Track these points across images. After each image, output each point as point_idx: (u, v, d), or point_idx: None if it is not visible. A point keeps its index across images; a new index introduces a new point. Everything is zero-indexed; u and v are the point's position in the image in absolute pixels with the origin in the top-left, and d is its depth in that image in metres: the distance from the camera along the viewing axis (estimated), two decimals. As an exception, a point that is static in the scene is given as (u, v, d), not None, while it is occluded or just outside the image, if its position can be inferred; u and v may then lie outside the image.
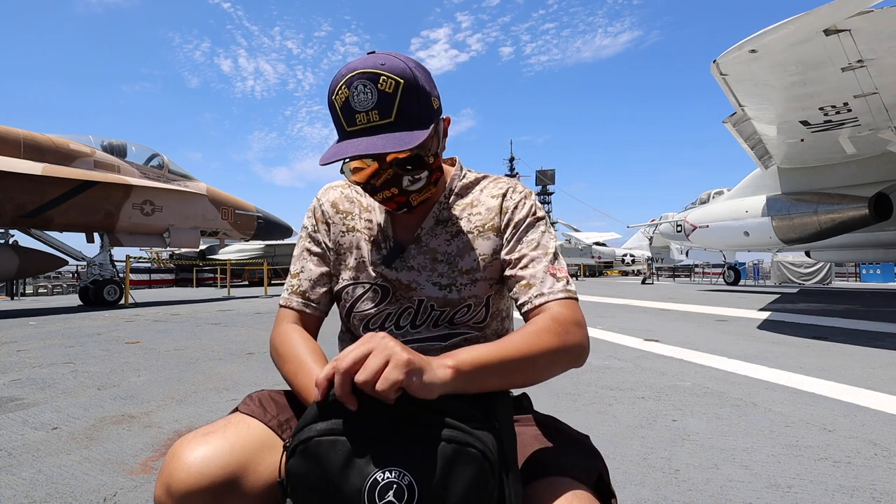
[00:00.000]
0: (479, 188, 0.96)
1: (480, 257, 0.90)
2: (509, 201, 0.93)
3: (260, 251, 23.51)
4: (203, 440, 0.69)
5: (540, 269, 0.85)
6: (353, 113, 0.76)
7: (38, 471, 1.90)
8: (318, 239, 0.97)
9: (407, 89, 0.76)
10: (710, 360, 4.07)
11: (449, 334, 0.91)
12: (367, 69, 0.75)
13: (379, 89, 0.75)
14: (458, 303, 0.89)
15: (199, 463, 0.66)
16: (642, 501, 1.64)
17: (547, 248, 0.88)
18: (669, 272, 32.08)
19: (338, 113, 0.77)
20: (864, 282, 22.39)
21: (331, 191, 1.00)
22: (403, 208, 0.87)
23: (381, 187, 0.84)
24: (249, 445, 0.71)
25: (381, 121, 0.76)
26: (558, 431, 0.81)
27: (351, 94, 0.75)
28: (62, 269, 15.22)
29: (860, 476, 1.81)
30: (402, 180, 0.83)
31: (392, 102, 0.75)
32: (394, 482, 0.56)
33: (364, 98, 0.75)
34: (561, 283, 0.84)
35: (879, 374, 3.46)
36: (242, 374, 3.64)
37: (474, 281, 0.90)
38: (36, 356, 4.39)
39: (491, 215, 0.92)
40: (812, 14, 5.48)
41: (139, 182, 10.74)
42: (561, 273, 0.86)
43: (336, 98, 0.77)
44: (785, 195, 12.66)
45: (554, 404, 2.77)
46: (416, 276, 0.90)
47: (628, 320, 7.17)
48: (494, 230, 0.91)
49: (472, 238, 0.91)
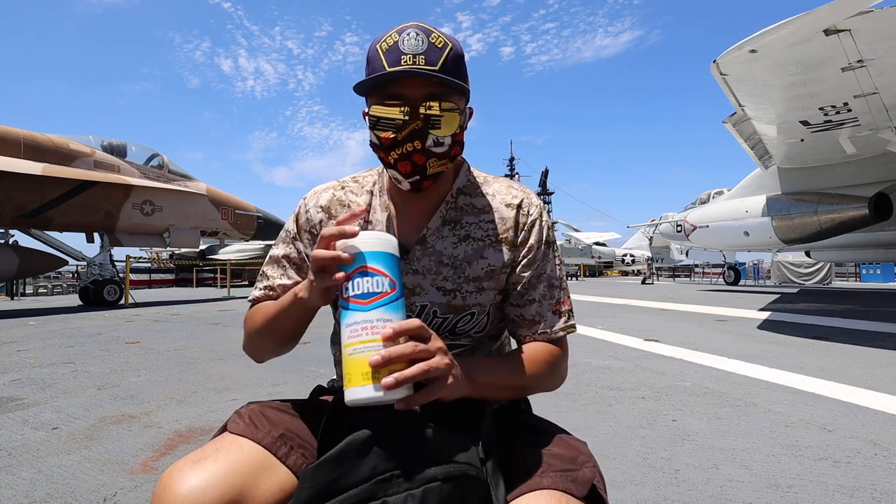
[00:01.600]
0: (490, 192, 0.91)
1: (490, 268, 0.87)
2: (526, 217, 0.89)
3: (260, 251, 23.50)
4: (195, 468, 0.65)
5: (546, 306, 0.88)
6: (399, 54, 0.74)
7: (38, 471, 1.90)
8: (298, 247, 0.91)
9: (454, 54, 0.77)
10: (710, 360, 4.07)
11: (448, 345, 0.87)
12: (422, 24, 0.77)
13: (430, 41, 0.75)
14: (463, 310, 0.86)
15: (194, 494, 0.62)
16: (642, 501, 1.64)
17: (552, 281, 0.89)
18: (669, 272, 32.07)
19: (381, 55, 0.75)
20: (864, 282, 22.37)
21: (321, 194, 0.93)
22: (416, 175, 0.80)
23: (405, 139, 0.78)
24: (245, 469, 0.67)
25: (427, 66, 0.74)
26: (554, 437, 0.79)
27: (401, 39, 0.75)
28: (62, 269, 15.22)
29: (860, 476, 1.81)
30: (427, 137, 0.78)
31: (440, 56, 0.75)
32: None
33: (415, 43, 0.74)
34: (562, 321, 0.88)
35: (879, 374, 3.46)
36: (242, 374, 3.64)
37: (481, 290, 0.87)
38: (36, 356, 4.39)
39: (505, 226, 0.88)
40: (812, 14, 5.47)
41: (139, 182, 10.74)
42: (564, 307, 0.89)
43: (382, 44, 0.76)
44: (785, 195, 12.65)
45: (554, 404, 2.77)
46: (420, 279, 0.86)
47: (628, 320, 7.17)
48: (508, 244, 0.88)
49: (484, 246, 0.87)
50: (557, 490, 0.66)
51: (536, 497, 0.65)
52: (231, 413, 0.79)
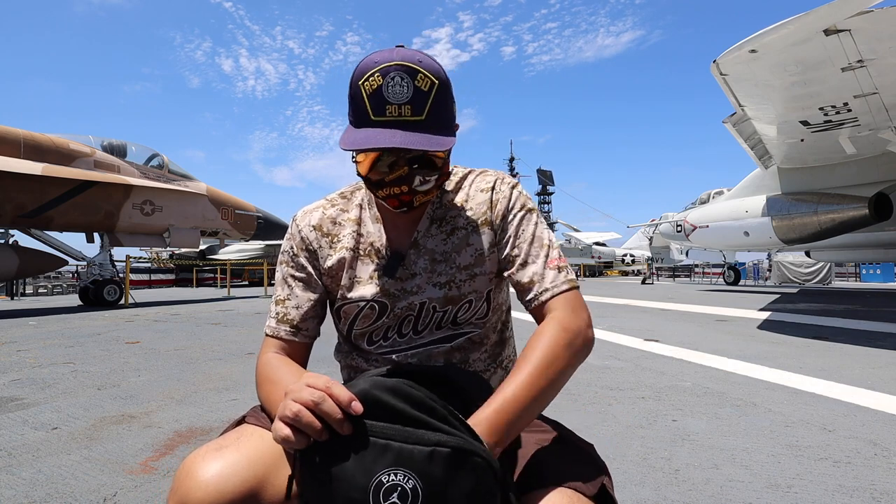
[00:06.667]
0: (468, 182, 0.95)
1: (477, 252, 0.89)
2: (498, 193, 0.92)
3: (260, 251, 23.50)
4: (218, 455, 0.67)
5: (539, 264, 0.86)
6: (384, 103, 0.74)
7: (38, 471, 1.90)
8: (300, 264, 0.92)
9: (440, 91, 0.76)
10: (710, 360, 4.07)
11: (453, 335, 0.90)
12: (405, 62, 0.74)
13: (416, 85, 0.74)
14: (460, 299, 0.88)
15: (217, 479, 0.63)
16: (642, 501, 1.64)
17: (542, 241, 0.88)
18: (669, 272, 32.06)
19: (364, 100, 0.75)
20: (864, 282, 22.37)
21: (310, 214, 0.95)
22: (404, 207, 0.85)
23: (392, 183, 0.81)
24: (265, 458, 0.68)
25: (413, 117, 0.75)
26: (563, 439, 0.81)
27: (385, 84, 0.74)
28: (62, 269, 15.22)
29: (860, 476, 1.81)
30: (415, 179, 0.81)
31: (426, 101, 0.75)
32: (398, 485, 0.56)
33: (400, 91, 0.74)
34: (563, 275, 0.85)
35: (879, 374, 3.46)
36: (242, 374, 3.64)
37: (473, 276, 0.89)
38: (36, 356, 4.39)
39: (483, 209, 0.91)
40: (812, 14, 5.47)
41: (139, 182, 10.74)
42: (561, 263, 0.87)
43: (365, 84, 0.75)
44: (785, 195, 12.65)
45: (554, 404, 2.75)
46: (418, 280, 0.89)
47: (628, 320, 7.17)
48: (488, 224, 0.91)
49: (468, 234, 0.90)
50: (569, 488, 0.67)
51: (549, 495, 0.66)
52: (230, 412, 0.79)
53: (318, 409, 0.59)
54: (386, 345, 0.91)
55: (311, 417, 0.59)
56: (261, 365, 0.87)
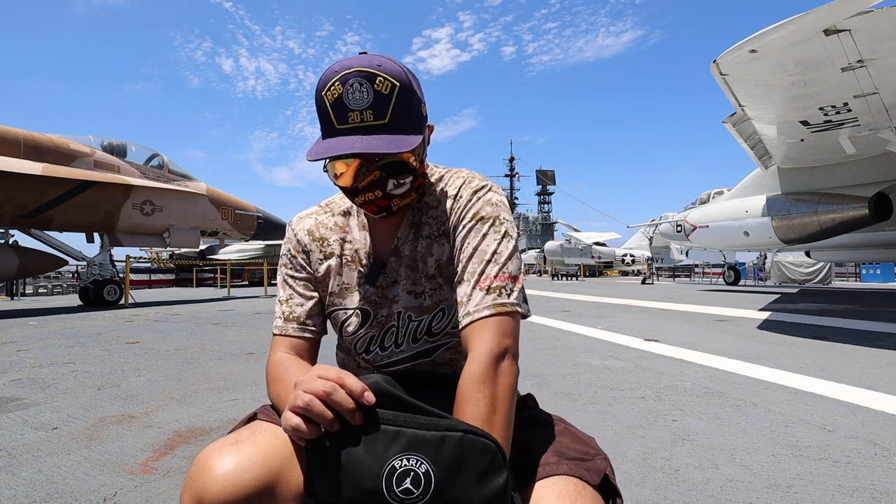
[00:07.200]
0: (441, 185, 0.91)
1: (437, 263, 0.88)
2: (459, 200, 0.87)
3: (260, 251, 23.51)
4: (233, 449, 0.67)
5: (469, 283, 0.79)
6: (346, 111, 0.74)
7: (38, 471, 1.90)
8: (300, 265, 0.93)
9: (402, 92, 0.76)
10: (710, 360, 4.07)
11: (432, 348, 0.90)
12: (363, 68, 0.74)
13: (375, 89, 0.74)
14: (432, 308, 0.88)
15: (233, 475, 0.63)
16: (642, 501, 1.64)
17: (484, 254, 0.80)
18: (669, 272, 32.07)
19: (328, 109, 0.75)
20: (864, 282, 22.37)
21: (304, 220, 0.97)
22: (383, 212, 0.85)
23: (365, 189, 0.81)
24: (280, 454, 0.68)
25: (375, 121, 0.75)
26: (565, 431, 0.81)
27: (345, 92, 0.74)
28: (62, 269, 15.22)
29: (860, 476, 1.81)
30: (387, 184, 0.81)
31: (387, 104, 0.75)
32: (411, 470, 0.57)
33: (360, 97, 0.74)
34: (491, 297, 0.76)
35: (879, 374, 3.46)
36: (242, 374, 3.64)
37: (439, 286, 0.88)
38: (36, 356, 4.39)
39: (443, 219, 0.88)
40: (812, 14, 5.47)
41: (139, 182, 10.74)
42: (496, 283, 0.77)
43: (327, 94, 0.75)
44: (785, 195, 12.65)
45: (555, 404, 2.77)
46: (397, 288, 0.89)
47: (628, 320, 7.17)
48: (446, 234, 0.88)
49: (431, 243, 0.89)
50: (573, 476, 0.68)
51: (554, 482, 0.67)
52: (230, 412, 0.79)
53: (329, 400, 0.59)
54: (368, 358, 0.93)
55: (322, 407, 0.60)
56: (271, 365, 0.87)
